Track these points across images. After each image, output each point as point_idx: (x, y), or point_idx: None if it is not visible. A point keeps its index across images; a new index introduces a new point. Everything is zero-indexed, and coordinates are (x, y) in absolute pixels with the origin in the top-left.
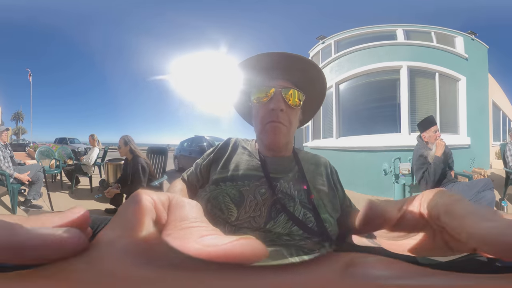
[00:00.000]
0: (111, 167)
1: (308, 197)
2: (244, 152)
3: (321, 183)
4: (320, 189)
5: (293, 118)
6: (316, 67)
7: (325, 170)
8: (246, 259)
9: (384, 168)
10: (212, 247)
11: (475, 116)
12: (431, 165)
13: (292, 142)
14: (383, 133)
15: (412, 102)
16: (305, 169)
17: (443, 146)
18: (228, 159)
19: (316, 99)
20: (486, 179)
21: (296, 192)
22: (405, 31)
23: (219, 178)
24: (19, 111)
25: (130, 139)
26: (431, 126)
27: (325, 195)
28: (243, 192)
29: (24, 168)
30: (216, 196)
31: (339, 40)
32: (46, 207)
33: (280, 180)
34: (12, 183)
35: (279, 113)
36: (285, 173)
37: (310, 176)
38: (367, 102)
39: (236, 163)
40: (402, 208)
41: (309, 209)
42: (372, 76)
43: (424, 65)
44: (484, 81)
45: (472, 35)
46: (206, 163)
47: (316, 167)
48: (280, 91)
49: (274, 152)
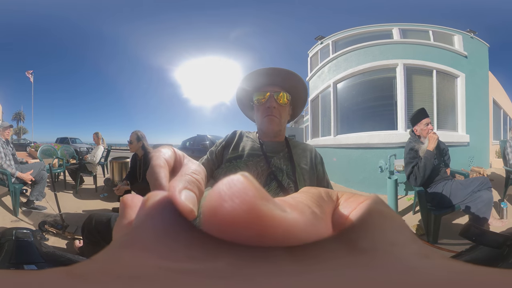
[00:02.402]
0: (116, 165)
1: (293, 172)
2: (248, 139)
3: (304, 163)
4: (303, 167)
5: (283, 112)
6: (297, 76)
7: (309, 154)
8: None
9: (380, 165)
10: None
11: (474, 113)
12: (421, 160)
13: (284, 130)
14: (380, 130)
15: (409, 100)
16: (293, 152)
17: (436, 139)
18: (236, 144)
19: (300, 98)
20: (483, 177)
21: (284, 167)
22: (401, 30)
23: (231, 157)
24: (20, 111)
25: (143, 135)
26: (422, 119)
27: (306, 172)
28: (249, 165)
29: (26, 166)
30: (230, 170)
31: (337, 40)
32: (50, 208)
33: (274, 157)
34: (14, 183)
35: (272, 110)
36: (277, 153)
37: (297, 157)
38: (364, 100)
39: (242, 146)
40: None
41: (292, 181)
42: (368, 75)
43: (421, 63)
44: (484, 79)
45: (471, 33)
46: (219, 149)
47: (303, 151)
48: (273, 95)
49: (270, 137)
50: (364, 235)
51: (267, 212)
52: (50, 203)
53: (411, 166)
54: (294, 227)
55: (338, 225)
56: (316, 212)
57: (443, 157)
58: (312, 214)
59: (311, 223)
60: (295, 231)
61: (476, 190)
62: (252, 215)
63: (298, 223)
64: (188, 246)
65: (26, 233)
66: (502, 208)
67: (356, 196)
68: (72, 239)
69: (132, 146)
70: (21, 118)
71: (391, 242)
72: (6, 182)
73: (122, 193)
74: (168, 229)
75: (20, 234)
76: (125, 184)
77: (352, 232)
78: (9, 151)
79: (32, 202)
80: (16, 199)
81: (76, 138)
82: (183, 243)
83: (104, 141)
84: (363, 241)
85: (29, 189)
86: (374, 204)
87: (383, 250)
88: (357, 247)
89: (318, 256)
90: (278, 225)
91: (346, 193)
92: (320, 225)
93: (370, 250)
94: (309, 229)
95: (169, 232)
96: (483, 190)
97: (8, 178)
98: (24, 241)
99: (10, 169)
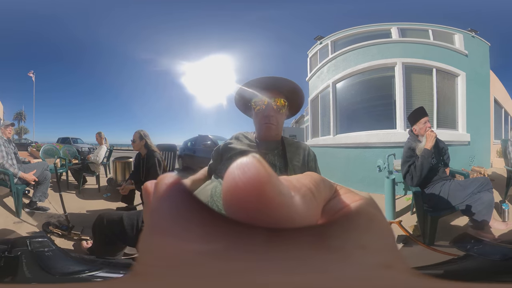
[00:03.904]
0: (119, 165)
1: (285, 167)
2: (246, 139)
3: (297, 160)
4: (295, 164)
5: (280, 119)
6: (293, 83)
7: (303, 152)
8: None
9: (379, 165)
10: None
11: (475, 112)
12: (418, 158)
13: (280, 133)
14: (379, 129)
15: (408, 98)
16: (287, 149)
17: (434, 137)
18: (235, 144)
19: (296, 101)
20: (484, 178)
21: (278, 163)
22: (400, 29)
23: (232, 155)
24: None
25: (146, 134)
26: (420, 118)
27: (298, 168)
28: None
29: (29, 166)
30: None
31: (336, 40)
32: (52, 209)
33: (268, 154)
34: (17, 184)
35: (270, 118)
36: (272, 151)
37: (290, 154)
38: (363, 100)
39: (241, 145)
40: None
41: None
42: (367, 74)
43: (420, 61)
44: (485, 77)
45: (472, 32)
46: (221, 150)
47: (296, 149)
48: (271, 102)
49: (267, 138)
50: (339, 233)
51: (276, 199)
52: (53, 203)
53: (408, 165)
54: (295, 212)
55: (327, 216)
56: (315, 197)
57: (442, 156)
58: (311, 200)
59: (308, 208)
60: (294, 215)
61: (476, 192)
62: (263, 200)
63: (299, 207)
64: (200, 225)
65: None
66: (504, 209)
67: (352, 194)
68: (79, 239)
69: (135, 145)
70: (22, 118)
71: (362, 245)
72: (8, 183)
73: (127, 193)
74: (180, 209)
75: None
76: (129, 184)
77: (329, 228)
78: (11, 150)
79: (35, 203)
80: (18, 200)
81: (77, 138)
82: (195, 222)
83: (107, 140)
84: (335, 239)
85: (32, 190)
86: (366, 205)
87: (347, 251)
88: (326, 243)
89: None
90: (283, 210)
91: (344, 188)
92: (313, 211)
93: (336, 249)
94: (304, 214)
95: (182, 212)
96: (483, 192)
97: (11, 179)
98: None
99: (13, 169)
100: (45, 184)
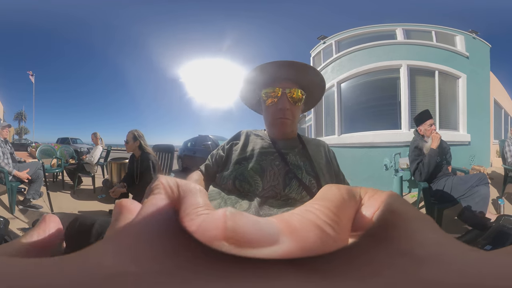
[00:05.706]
0: (114, 166)
1: (312, 167)
2: (257, 138)
3: (320, 157)
4: (320, 162)
5: (296, 112)
6: (315, 70)
7: (323, 149)
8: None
9: (385, 163)
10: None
11: (475, 113)
12: (425, 157)
13: (296, 128)
14: (384, 129)
15: (412, 100)
16: (308, 147)
17: (439, 138)
18: (244, 144)
19: (315, 94)
20: (481, 173)
21: (302, 163)
22: (405, 31)
23: (240, 158)
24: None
25: (141, 135)
26: (426, 120)
27: (324, 166)
28: (263, 165)
29: (23, 165)
30: (242, 172)
31: (340, 40)
32: (46, 208)
33: (289, 154)
34: (11, 181)
35: (285, 112)
36: (292, 149)
37: (312, 152)
38: (368, 100)
39: (252, 145)
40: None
41: (313, 176)
42: (373, 75)
43: (424, 64)
44: (485, 79)
45: (473, 33)
46: (221, 153)
47: (317, 147)
48: (285, 92)
49: (282, 136)
50: (398, 235)
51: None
52: (46, 202)
53: (416, 162)
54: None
55: (360, 227)
56: (326, 228)
57: (445, 155)
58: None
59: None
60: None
61: (475, 185)
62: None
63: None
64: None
65: None
66: (500, 204)
67: (378, 194)
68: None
69: (128, 146)
70: (23, 118)
71: (437, 242)
72: (3, 180)
73: (118, 196)
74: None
75: None
76: (121, 187)
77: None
78: (7, 150)
79: (28, 200)
80: (12, 197)
81: (77, 139)
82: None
83: (103, 141)
84: (401, 242)
85: (27, 187)
86: (399, 204)
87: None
88: (396, 249)
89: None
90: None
91: (369, 190)
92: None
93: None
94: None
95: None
96: (480, 185)
97: (5, 176)
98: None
99: (8, 167)
100: (38, 182)
